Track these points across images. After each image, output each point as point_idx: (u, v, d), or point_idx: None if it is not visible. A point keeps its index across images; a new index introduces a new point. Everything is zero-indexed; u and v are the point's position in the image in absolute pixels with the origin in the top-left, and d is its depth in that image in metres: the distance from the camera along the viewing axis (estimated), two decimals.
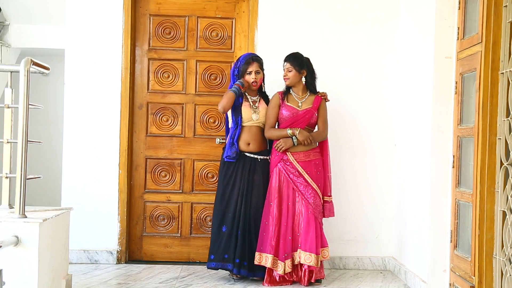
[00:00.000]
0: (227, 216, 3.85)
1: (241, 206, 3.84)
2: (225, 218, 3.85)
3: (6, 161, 3.13)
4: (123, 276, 4.01)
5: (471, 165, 3.23)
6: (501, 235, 2.93)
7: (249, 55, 3.97)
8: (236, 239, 3.81)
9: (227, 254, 3.82)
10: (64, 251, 3.24)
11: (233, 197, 3.86)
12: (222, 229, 3.85)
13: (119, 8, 4.37)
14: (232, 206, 3.86)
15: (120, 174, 4.38)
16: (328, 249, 3.88)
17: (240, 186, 3.87)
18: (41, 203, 4.65)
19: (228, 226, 3.84)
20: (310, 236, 3.77)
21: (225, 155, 3.87)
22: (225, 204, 3.87)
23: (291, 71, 3.88)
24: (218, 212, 3.88)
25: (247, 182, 3.87)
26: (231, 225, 3.83)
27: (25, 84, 2.85)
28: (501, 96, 2.96)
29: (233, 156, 3.86)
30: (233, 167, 3.89)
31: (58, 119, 5.66)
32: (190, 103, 4.52)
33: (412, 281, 3.87)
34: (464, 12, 3.40)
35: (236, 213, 3.84)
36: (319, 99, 3.91)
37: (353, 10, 4.44)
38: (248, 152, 3.92)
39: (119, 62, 4.39)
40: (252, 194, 3.88)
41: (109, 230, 4.36)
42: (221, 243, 3.84)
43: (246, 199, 3.86)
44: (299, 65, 3.87)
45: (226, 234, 3.83)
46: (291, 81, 3.91)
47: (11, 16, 5.64)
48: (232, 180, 3.88)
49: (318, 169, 3.89)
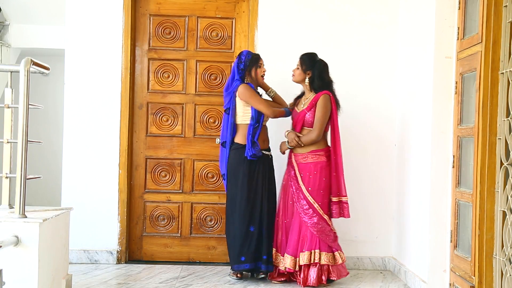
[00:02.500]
0: (255, 216, 3.85)
1: (265, 204, 3.87)
2: (252, 218, 3.85)
3: (6, 161, 3.13)
4: (123, 276, 4.01)
5: (471, 165, 3.23)
6: (501, 235, 2.93)
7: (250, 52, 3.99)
8: (263, 237, 3.85)
9: (257, 253, 3.84)
10: (64, 251, 3.24)
11: (258, 196, 3.87)
12: (250, 229, 3.84)
13: (119, 8, 4.37)
14: (258, 205, 3.87)
15: (120, 174, 4.38)
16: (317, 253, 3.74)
17: (262, 184, 3.89)
18: (41, 203, 4.65)
19: (256, 225, 3.85)
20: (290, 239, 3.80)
21: (250, 153, 3.82)
22: (251, 204, 3.85)
23: (298, 69, 3.92)
24: (245, 212, 3.84)
25: (267, 180, 3.92)
26: (258, 224, 3.85)
27: (25, 84, 2.85)
28: (501, 96, 2.96)
29: (259, 155, 3.86)
30: (255, 165, 3.88)
31: (58, 119, 5.67)
32: (190, 103, 4.52)
33: (412, 281, 3.87)
34: (464, 12, 3.40)
35: (261, 211, 3.87)
36: (316, 98, 3.83)
37: (353, 10, 4.44)
38: (265, 150, 3.94)
39: (119, 62, 4.39)
40: (270, 191, 3.94)
41: (109, 230, 4.36)
42: (251, 244, 3.83)
43: (268, 196, 3.91)
44: (306, 65, 3.88)
45: (255, 234, 3.84)
46: (295, 78, 3.95)
47: (11, 16, 5.64)
48: (255, 178, 3.87)
49: (313, 173, 3.80)
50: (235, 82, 3.90)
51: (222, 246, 4.47)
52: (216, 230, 4.51)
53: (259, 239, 3.85)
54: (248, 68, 3.91)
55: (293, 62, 4.34)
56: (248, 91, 3.82)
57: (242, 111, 3.88)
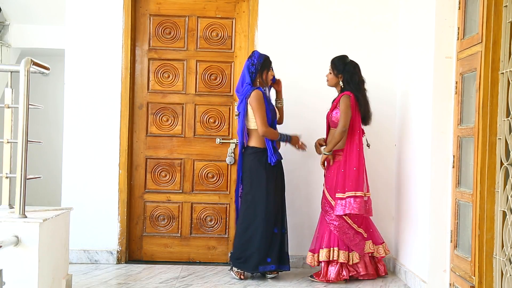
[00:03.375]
0: (277, 218, 3.94)
1: (281, 208, 3.98)
2: (276, 220, 3.93)
3: (6, 161, 3.13)
4: (123, 276, 4.01)
5: (471, 165, 3.23)
6: (501, 235, 2.93)
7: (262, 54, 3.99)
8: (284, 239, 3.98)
9: (280, 254, 3.94)
10: (64, 251, 3.24)
11: (277, 199, 3.95)
12: (274, 230, 3.91)
13: (119, 8, 4.37)
14: (278, 208, 3.95)
15: (120, 174, 4.38)
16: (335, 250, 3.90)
17: (281, 187, 4.01)
18: (41, 203, 4.65)
19: (278, 227, 3.94)
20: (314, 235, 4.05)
21: (274, 159, 3.88)
22: (276, 207, 3.93)
23: (330, 73, 4.01)
24: (270, 215, 3.89)
25: (281, 182, 4.03)
26: (280, 226, 3.96)
27: (25, 84, 2.85)
28: (501, 96, 2.96)
29: (280, 159, 3.98)
30: (275, 170, 3.96)
31: (58, 119, 5.66)
32: (190, 103, 4.52)
33: (412, 281, 3.87)
34: (464, 12, 3.40)
35: (282, 213, 3.98)
36: (338, 99, 3.94)
37: (353, 10, 4.44)
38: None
39: (119, 62, 4.39)
40: (283, 193, 4.05)
41: (109, 230, 4.36)
42: (275, 245, 3.90)
43: (283, 199, 4.02)
44: (337, 69, 3.97)
45: (278, 236, 3.93)
46: (329, 83, 4.06)
47: (11, 16, 5.64)
48: (274, 182, 3.95)
49: (331, 171, 3.96)
50: (246, 86, 3.92)
51: (222, 246, 4.47)
52: (216, 230, 4.51)
53: (282, 241, 3.96)
54: (259, 72, 3.93)
55: (293, 62, 4.37)
56: (257, 101, 3.86)
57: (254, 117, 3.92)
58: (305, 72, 4.40)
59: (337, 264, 3.90)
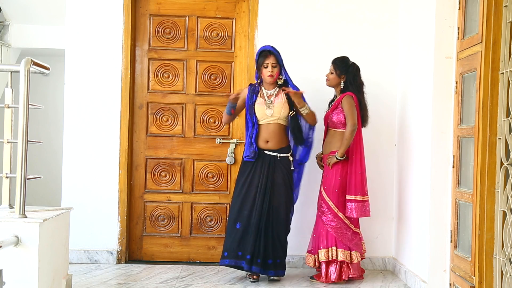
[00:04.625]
0: (243, 214, 3.83)
1: (259, 204, 3.81)
2: (240, 215, 3.84)
3: (6, 161, 3.13)
4: (123, 276, 4.01)
5: (471, 165, 3.23)
6: (501, 235, 2.93)
7: (266, 47, 3.92)
8: (250, 237, 3.79)
9: (241, 251, 3.82)
10: (64, 251, 3.24)
11: (249, 195, 3.84)
12: (236, 226, 3.83)
13: (119, 8, 4.37)
14: (248, 204, 3.83)
15: (120, 174, 4.38)
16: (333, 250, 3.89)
17: (258, 184, 3.84)
18: (41, 203, 4.65)
19: (243, 223, 3.82)
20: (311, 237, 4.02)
21: (244, 154, 3.89)
22: (240, 201, 3.85)
23: (332, 73, 3.97)
24: (233, 209, 3.88)
25: (265, 180, 3.85)
26: (246, 222, 3.81)
27: (25, 84, 2.85)
28: (501, 96, 2.96)
29: (252, 156, 3.86)
30: (251, 166, 3.88)
31: (58, 119, 5.67)
32: (190, 103, 4.52)
33: (412, 281, 3.87)
34: (464, 12, 3.40)
35: (253, 211, 3.82)
36: (339, 99, 3.91)
37: (353, 10, 4.44)
38: (268, 150, 3.90)
39: (119, 62, 4.39)
40: (272, 193, 3.86)
41: (109, 230, 4.36)
42: (234, 240, 3.82)
43: (264, 197, 3.83)
44: (340, 70, 3.94)
45: (240, 231, 3.82)
46: (330, 83, 4.01)
47: (11, 16, 5.64)
48: (249, 178, 3.86)
49: (329, 172, 3.93)
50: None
51: (222, 246, 4.46)
52: (216, 230, 4.51)
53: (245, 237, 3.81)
54: (258, 67, 3.93)
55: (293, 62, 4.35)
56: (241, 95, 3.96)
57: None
58: (305, 72, 4.39)
59: (337, 264, 3.89)
